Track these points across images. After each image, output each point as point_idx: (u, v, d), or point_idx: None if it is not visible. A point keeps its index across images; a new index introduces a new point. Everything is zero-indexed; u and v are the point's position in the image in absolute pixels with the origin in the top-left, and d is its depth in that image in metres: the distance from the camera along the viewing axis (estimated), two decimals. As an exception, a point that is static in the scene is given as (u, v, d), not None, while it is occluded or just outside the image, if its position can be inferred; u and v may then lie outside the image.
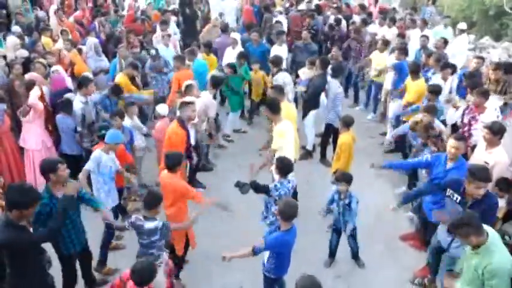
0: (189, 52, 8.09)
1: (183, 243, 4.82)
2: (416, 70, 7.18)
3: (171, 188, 4.56)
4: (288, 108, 6.28)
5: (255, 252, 3.92)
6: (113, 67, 8.05)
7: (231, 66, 7.96)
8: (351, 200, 4.94)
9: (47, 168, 3.99)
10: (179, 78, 7.34)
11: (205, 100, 6.61)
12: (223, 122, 8.35)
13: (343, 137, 5.79)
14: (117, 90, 6.62)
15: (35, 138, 6.01)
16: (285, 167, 4.63)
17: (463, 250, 3.91)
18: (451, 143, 4.66)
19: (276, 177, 4.75)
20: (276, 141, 5.55)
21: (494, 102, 6.10)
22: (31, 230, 3.68)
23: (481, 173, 3.97)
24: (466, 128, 5.91)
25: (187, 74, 7.53)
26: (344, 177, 4.96)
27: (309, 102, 7.48)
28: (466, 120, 5.95)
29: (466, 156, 5.46)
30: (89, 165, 4.90)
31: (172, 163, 4.59)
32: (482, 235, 3.38)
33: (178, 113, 5.87)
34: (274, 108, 5.59)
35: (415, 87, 7.08)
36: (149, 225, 3.99)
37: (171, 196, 4.57)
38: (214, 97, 7.23)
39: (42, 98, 6.21)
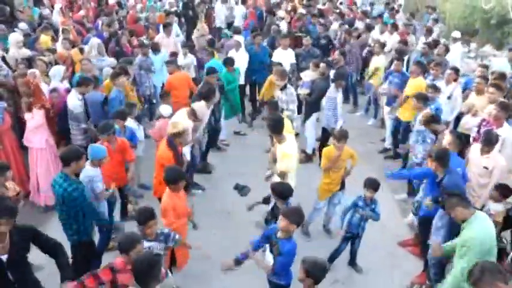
0: (168, 62, 7.92)
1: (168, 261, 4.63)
2: (420, 69, 7.20)
3: (164, 206, 4.40)
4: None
5: (277, 273, 3.87)
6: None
7: (229, 62, 7.91)
8: (376, 205, 4.99)
9: (72, 157, 4.25)
10: (171, 82, 7.52)
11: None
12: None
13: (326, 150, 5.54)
14: None
15: (39, 137, 6.00)
16: (284, 192, 4.43)
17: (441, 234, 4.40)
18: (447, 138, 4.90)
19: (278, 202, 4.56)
20: (283, 164, 5.10)
21: None
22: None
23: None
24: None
25: (181, 77, 7.64)
26: (372, 184, 4.92)
27: (311, 104, 7.49)
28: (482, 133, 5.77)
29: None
30: (98, 186, 4.71)
31: (170, 178, 4.36)
32: (468, 208, 3.75)
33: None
34: (278, 127, 5.19)
35: (413, 83, 7.14)
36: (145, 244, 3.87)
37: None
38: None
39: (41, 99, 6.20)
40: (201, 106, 6.32)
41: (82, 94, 6.20)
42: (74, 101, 6.14)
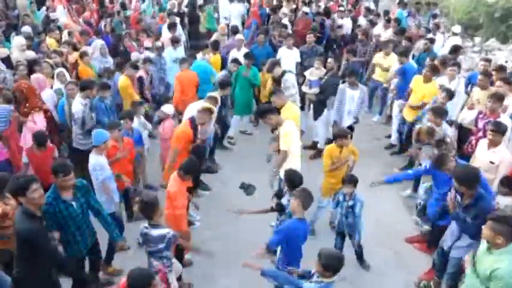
0: (182, 60, 8.00)
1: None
2: (433, 74, 7.03)
3: (169, 190, 4.55)
4: (292, 108, 6.18)
5: (269, 247, 3.90)
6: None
7: (236, 61, 7.96)
8: (355, 204, 4.89)
9: (55, 171, 3.91)
10: (181, 80, 7.59)
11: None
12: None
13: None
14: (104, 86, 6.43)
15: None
16: (295, 179, 4.49)
17: (466, 251, 3.99)
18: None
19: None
20: (284, 142, 5.37)
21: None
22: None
23: (464, 178, 4.02)
24: (480, 134, 5.75)
25: (189, 75, 7.70)
26: (350, 179, 4.91)
27: (321, 102, 7.44)
28: (480, 126, 5.80)
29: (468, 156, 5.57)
30: (100, 175, 4.76)
31: (186, 168, 4.49)
32: (509, 240, 3.37)
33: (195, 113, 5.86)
34: (271, 110, 5.53)
35: (428, 89, 6.93)
36: (155, 232, 3.89)
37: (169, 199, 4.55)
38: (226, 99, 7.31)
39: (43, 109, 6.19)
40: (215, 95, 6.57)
41: (86, 98, 6.10)
42: (76, 106, 6.04)
